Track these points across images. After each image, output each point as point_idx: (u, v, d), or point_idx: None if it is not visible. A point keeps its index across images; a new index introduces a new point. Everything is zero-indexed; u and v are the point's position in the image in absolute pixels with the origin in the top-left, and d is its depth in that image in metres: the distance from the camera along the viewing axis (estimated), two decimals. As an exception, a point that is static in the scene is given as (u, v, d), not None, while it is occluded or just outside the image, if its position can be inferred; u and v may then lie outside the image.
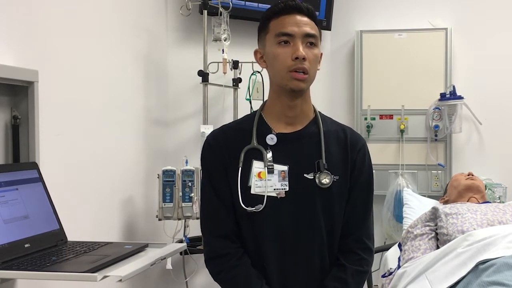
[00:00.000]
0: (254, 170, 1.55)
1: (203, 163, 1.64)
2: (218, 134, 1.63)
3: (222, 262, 1.57)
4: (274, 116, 1.60)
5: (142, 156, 2.88)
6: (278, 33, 1.52)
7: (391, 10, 3.35)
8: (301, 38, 1.50)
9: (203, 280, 3.29)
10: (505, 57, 3.25)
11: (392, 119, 3.26)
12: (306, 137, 1.59)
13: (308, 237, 1.56)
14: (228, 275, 1.56)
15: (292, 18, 1.52)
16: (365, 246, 1.62)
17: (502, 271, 1.79)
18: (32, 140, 1.73)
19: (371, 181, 1.65)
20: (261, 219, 1.54)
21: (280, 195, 1.54)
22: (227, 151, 1.58)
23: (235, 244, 1.58)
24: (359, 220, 1.62)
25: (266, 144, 1.57)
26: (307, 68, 1.50)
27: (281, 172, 1.54)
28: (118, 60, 2.57)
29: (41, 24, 1.89)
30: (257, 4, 3.17)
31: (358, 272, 1.60)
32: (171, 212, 2.65)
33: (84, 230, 2.09)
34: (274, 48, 1.53)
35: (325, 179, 1.54)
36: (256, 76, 3.02)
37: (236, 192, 1.54)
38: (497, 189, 3.07)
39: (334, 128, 1.63)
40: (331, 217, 1.57)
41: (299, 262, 1.56)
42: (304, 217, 1.55)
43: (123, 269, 1.47)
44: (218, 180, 1.58)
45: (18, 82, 1.70)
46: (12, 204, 1.55)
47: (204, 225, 1.63)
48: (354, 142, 1.62)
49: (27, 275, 1.45)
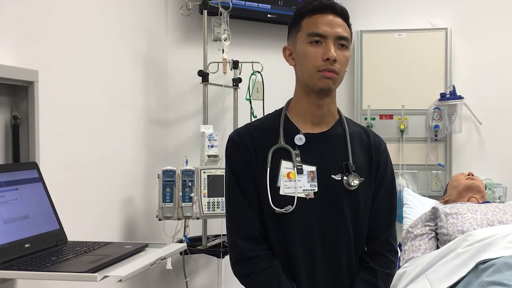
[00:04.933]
0: (283, 171, 1.51)
1: (229, 162, 1.58)
2: (244, 133, 1.57)
3: (251, 264, 1.51)
4: (301, 115, 1.57)
5: (142, 156, 2.88)
6: (310, 33, 1.48)
7: (391, 10, 3.35)
8: (333, 40, 1.47)
9: (203, 280, 3.30)
10: (505, 57, 3.26)
11: (392, 119, 3.26)
12: (333, 138, 1.56)
13: (335, 238, 1.53)
14: (258, 278, 1.51)
15: (325, 17, 1.49)
16: (392, 249, 1.61)
17: (502, 271, 1.79)
18: (32, 140, 1.73)
19: (394, 183, 1.64)
20: (290, 220, 1.50)
21: (309, 196, 1.51)
22: (253, 150, 1.53)
23: (263, 246, 1.53)
24: (386, 223, 1.61)
25: (294, 144, 1.54)
26: (337, 70, 1.48)
27: (310, 173, 1.52)
28: (118, 60, 2.57)
29: (41, 24, 1.89)
30: (257, 4, 3.17)
31: (388, 275, 1.58)
32: (171, 212, 2.65)
33: (84, 230, 2.09)
34: (306, 47, 1.49)
35: (354, 181, 1.52)
36: (256, 76, 3.02)
37: (265, 193, 1.50)
38: (497, 189, 3.07)
39: (357, 130, 1.62)
40: (358, 218, 1.55)
41: (327, 263, 1.53)
42: (331, 218, 1.52)
43: (123, 269, 1.47)
44: (246, 180, 1.53)
45: (18, 82, 1.70)
46: (12, 204, 1.55)
47: (231, 226, 1.56)
48: (378, 145, 1.61)
49: (27, 275, 1.45)
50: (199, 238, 2.96)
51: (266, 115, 1.67)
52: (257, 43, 3.18)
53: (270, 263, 1.51)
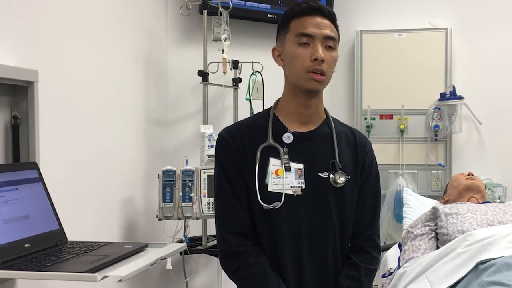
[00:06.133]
0: (271, 168, 1.56)
1: (218, 159, 1.61)
2: (233, 131, 1.61)
3: (239, 259, 1.55)
4: (289, 114, 1.61)
5: (142, 156, 2.89)
6: (298, 33, 1.53)
7: (391, 10, 3.35)
8: (321, 40, 1.52)
9: (203, 280, 3.30)
10: (505, 57, 3.25)
11: (392, 119, 3.26)
12: (319, 137, 1.61)
13: (322, 235, 1.58)
14: (245, 272, 1.55)
15: (313, 19, 1.54)
16: (375, 245, 1.66)
17: (502, 271, 1.79)
18: (32, 140, 1.73)
19: (378, 181, 1.69)
20: (277, 216, 1.54)
21: (296, 193, 1.56)
22: (243, 148, 1.57)
23: (251, 241, 1.57)
24: (369, 219, 1.66)
25: (282, 142, 1.58)
26: (325, 70, 1.52)
27: (297, 170, 1.56)
28: (118, 60, 2.57)
29: (41, 24, 1.89)
30: (257, 4, 3.17)
31: (371, 270, 1.64)
32: (171, 212, 2.65)
33: (84, 230, 2.09)
34: (294, 48, 1.53)
35: (340, 179, 1.56)
36: (256, 76, 3.02)
37: (254, 189, 1.54)
38: (497, 189, 3.07)
39: (343, 130, 1.66)
40: (343, 215, 1.60)
41: (314, 259, 1.58)
42: (318, 215, 1.57)
43: (123, 269, 1.47)
44: (235, 176, 1.57)
45: (18, 82, 1.70)
46: (12, 204, 1.55)
47: (220, 222, 1.60)
48: (363, 144, 1.66)
49: (27, 275, 1.45)
50: (199, 238, 2.96)
51: (256, 114, 1.72)
52: (257, 43, 3.17)
53: (258, 258, 1.55)
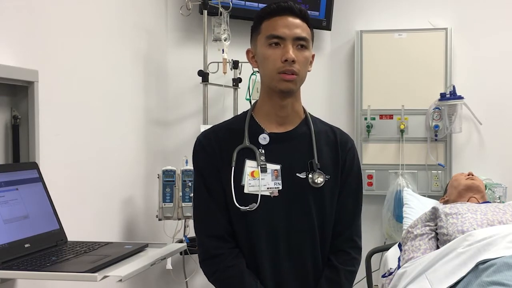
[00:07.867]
0: (247, 169, 1.56)
1: (195, 163, 1.63)
2: (210, 134, 1.63)
3: (216, 262, 1.56)
4: (265, 116, 1.61)
5: (142, 156, 2.88)
6: (269, 35, 1.53)
7: (391, 10, 3.34)
8: (292, 41, 1.51)
9: (203, 280, 3.28)
10: (505, 57, 3.25)
11: (392, 119, 3.26)
12: (297, 137, 1.60)
13: (300, 235, 1.57)
14: (223, 275, 1.55)
15: (283, 20, 1.53)
16: (355, 245, 1.65)
17: (502, 271, 1.79)
18: (32, 140, 1.73)
19: (360, 181, 1.68)
20: (254, 218, 1.54)
21: (273, 194, 1.55)
22: (219, 151, 1.58)
23: (229, 244, 1.57)
24: (350, 219, 1.64)
25: (259, 143, 1.58)
26: (296, 70, 1.51)
27: (274, 171, 1.56)
28: (118, 60, 2.57)
29: (41, 24, 1.89)
30: (257, 4, 3.17)
31: (350, 272, 1.62)
32: (171, 212, 2.65)
33: (84, 230, 2.09)
34: (265, 49, 1.53)
35: (319, 179, 1.56)
36: (256, 76, 3.01)
37: (230, 192, 1.54)
38: (497, 189, 3.07)
39: (323, 129, 1.65)
40: (323, 216, 1.59)
41: (292, 261, 1.57)
42: (297, 216, 1.56)
43: (123, 269, 1.47)
44: (211, 179, 1.58)
45: (18, 82, 1.70)
46: (12, 204, 1.55)
47: (198, 225, 1.62)
48: (344, 142, 1.65)
49: (27, 275, 1.45)
50: (199, 238, 2.96)
51: (234, 116, 1.74)
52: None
53: (235, 260, 1.55)
